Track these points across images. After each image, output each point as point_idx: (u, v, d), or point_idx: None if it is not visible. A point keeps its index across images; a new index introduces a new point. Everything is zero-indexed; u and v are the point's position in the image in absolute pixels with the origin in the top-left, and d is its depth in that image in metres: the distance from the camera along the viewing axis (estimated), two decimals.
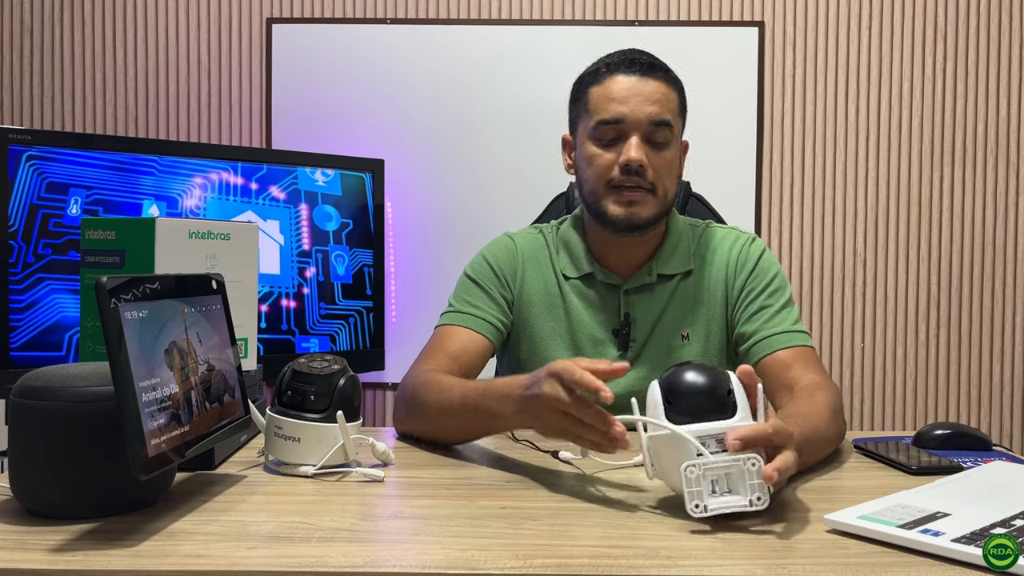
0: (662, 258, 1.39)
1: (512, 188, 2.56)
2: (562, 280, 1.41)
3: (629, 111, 1.30)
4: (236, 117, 2.61)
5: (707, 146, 2.52)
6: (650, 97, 1.30)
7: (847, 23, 2.56)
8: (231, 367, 1.00)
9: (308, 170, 2.31)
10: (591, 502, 0.93)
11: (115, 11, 2.61)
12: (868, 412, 2.60)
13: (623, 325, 1.37)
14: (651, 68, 1.32)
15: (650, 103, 1.30)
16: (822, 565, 0.73)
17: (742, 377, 0.88)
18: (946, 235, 2.57)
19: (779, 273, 1.39)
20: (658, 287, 1.39)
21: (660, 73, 1.33)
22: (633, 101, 1.30)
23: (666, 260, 1.39)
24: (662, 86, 1.32)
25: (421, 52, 2.57)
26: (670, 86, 1.33)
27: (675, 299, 1.39)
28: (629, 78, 1.31)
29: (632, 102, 1.30)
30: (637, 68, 1.32)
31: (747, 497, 0.81)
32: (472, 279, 1.43)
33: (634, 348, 1.38)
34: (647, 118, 1.30)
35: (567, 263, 1.41)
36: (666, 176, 1.33)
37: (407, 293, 2.58)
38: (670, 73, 1.35)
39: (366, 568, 0.73)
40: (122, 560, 0.74)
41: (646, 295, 1.39)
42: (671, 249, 1.40)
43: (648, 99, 1.30)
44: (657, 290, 1.39)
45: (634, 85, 1.31)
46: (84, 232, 1.09)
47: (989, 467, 1.06)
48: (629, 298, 1.38)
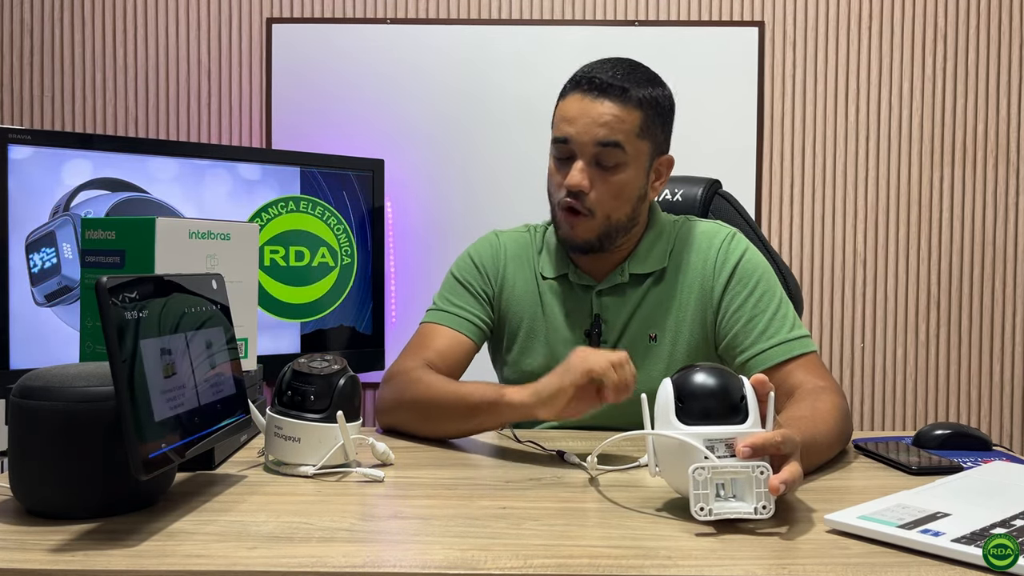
0: (637, 258, 1.37)
1: (512, 188, 2.56)
2: (540, 280, 1.41)
3: (575, 132, 1.27)
4: (236, 117, 2.61)
5: (707, 146, 2.52)
6: (598, 119, 1.26)
7: (847, 23, 2.56)
8: (231, 367, 1.00)
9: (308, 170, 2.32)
10: (591, 502, 0.93)
11: (115, 11, 2.61)
12: (868, 412, 2.60)
13: (594, 327, 1.36)
14: (607, 89, 1.27)
15: (597, 125, 1.26)
16: (822, 565, 0.73)
17: (755, 385, 0.88)
18: (946, 235, 2.57)
19: (764, 273, 1.34)
20: (630, 288, 1.37)
21: (616, 93, 1.27)
22: (581, 122, 1.27)
23: (641, 260, 1.37)
24: (615, 108, 1.26)
25: (421, 52, 2.57)
26: (628, 106, 1.27)
27: (647, 299, 1.36)
28: (583, 98, 1.28)
29: (580, 123, 1.27)
30: (594, 88, 1.27)
31: (753, 504, 0.81)
32: (457, 278, 1.44)
33: (605, 349, 1.37)
34: (592, 140, 1.26)
35: (546, 263, 1.41)
36: (610, 200, 1.29)
37: (407, 293, 2.58)
38: (631, 92, 1.27)
39: (366, 568, 0.73)
40: (122, 560, 0.74)
41: (618, 296, 1.37)
42: (647, 249, 1.37)
43: (596, 121, 1.26)
44: (629, 291, 1.37)
45: (586, 106, 1.27)
46: (84, 232, 1.09)
47: (989, 467, 1.06)
48: (601, 299, 1.37)
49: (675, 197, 1.67)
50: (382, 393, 1.32)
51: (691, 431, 0.85)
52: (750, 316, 1.31)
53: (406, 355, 1.36)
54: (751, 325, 1.30)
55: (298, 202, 2.29)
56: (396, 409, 1.27)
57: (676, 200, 1.67)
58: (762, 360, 1.27)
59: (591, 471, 1.04)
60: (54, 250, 1.99)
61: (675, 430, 0.85)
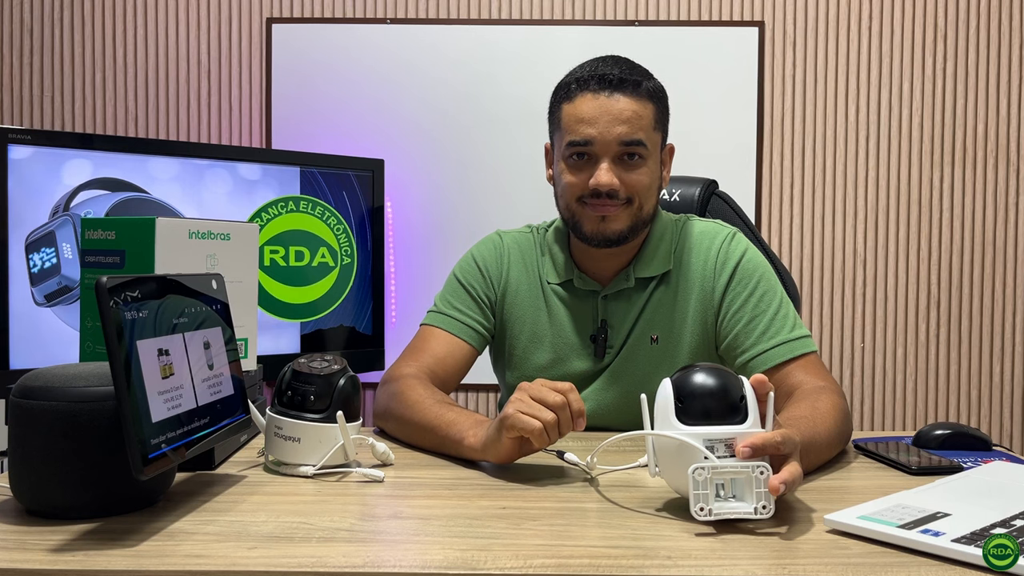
0: (642, 261, 1.36)
1: (512, 188, 2.56)
2: (544, 284, 1.40)
3: (598, 133, 1.26)
4: (236, 117, 2.61)
5: (707, 146, 2.52)
6: (619, 116, 1.26)
7: (847, 23, 2.56)
8: (231, 367, 1.00)
9: (308, 170, 2.32)
10: (591, 502, 0.93)
11: (115, 11, 2.61)
12: (868, 412, 2.60)
13: (599, 332, 1.36)
14: (620, 84, 1.27)
15: (619, 123, 1.26)
16: (822, 565, 0.73)
17: (755, 385, 0.88)
18: (946, 235, 2.57)
19: (764, 273, 1.34)
20: (636, 292, 1.36)
21: (630, 88, 1.27)
22: (602, 122, 1.26)
23: (646, 263, 1.36)
24: (632, 102, 1.27)
25: (421, 52, 2.57)
26: (643, 100, 1.28)
27: (651, 303, 1.36)
28: (598, 96, 1.27)
29: (601, 123, 1.26)
30: (606, 85, 1.27)
31: (753, 505, 0.82)
32: (459, 280, 1.43)
33: (611, 354, 1.36)
34: (616, 139, 1.26)
35: (549, 268, 1.40)
36: (643, 192, 1.29)
37: (407, 293, 2.58)
38: (643, 84, 1.29)
39: (366, 568, 0.73)
40: (122, 560, 0.74)
41: (623, 301, 1.36)
42: (652, 251, 1.37)
43: (617, 119, 1.26)
44: (635, 295, 1.36)
45: (603, 104, 1.27)
46: (84, 232, 1.09)
47: (989, 467, 1.06)
48: (607, 304, 1.37)
49: (673, 197, 1.67)
50: (377, 396, 1.32)
51: (691, 431, 0.85)
52: (751, 316, 1.31)
53: (405, 359, 1.36)
54: (752, 325, 1.30)
55: (298, 202, 2.29)
56: (384, 417, 1.28)
57: (674, 200, 1.67)
58: (763, 361, 1.27)
59: (591, 471, 1.04)
60: (54, 250, 1.99)
61: (675, 430, 0.85)
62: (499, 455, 1.04)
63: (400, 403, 1.23)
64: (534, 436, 0.99)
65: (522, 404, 1.00)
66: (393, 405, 1.25)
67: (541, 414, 0.99)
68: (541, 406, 0.99)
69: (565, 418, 1.00)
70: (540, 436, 0.99)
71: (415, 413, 1.19)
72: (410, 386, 1.25)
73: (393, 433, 1.26)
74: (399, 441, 1.23)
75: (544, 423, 0.98)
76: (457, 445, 1.10)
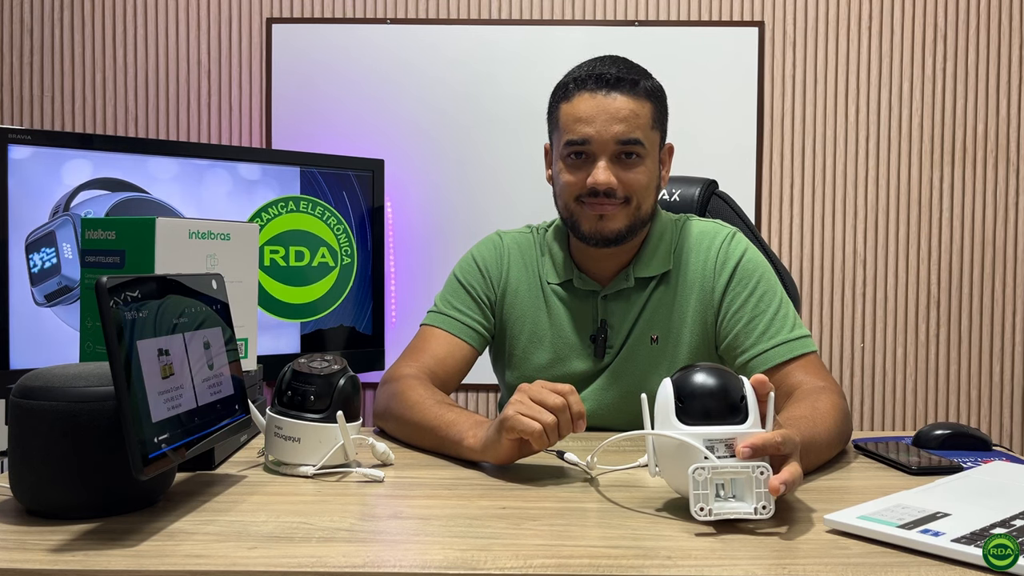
0: (642, 261, 1.36)
1: (512, 188, 2.56)
2: (544, 284, 1.40)
3: (595, 132, 1.26)
4: (236, 117, 2.61)
5: (707, 146, 2.52)
6: (616, 115, 1.26)
7: (847, 23, 2.56)
8: (231, 367, 1.00)
9: (308, 170, 2.32)
10: (591, 502, 0.93)
11: (115, 11, 2.61)
12: (868, 412, 2.60)
13: (599, 332, 1.36)
14: (618, 83, 1.27)
15: (616, 122, 1.26)
16: (822, 565, 0.73)
17: (755, 385, 0.88)
18: (946, 235, 2.57)
19: (764, 273, 1.34)
20: (635, 292, 1.36)
21: (627, 87, 1.27)
22: (599, 121, 1.26)
23: (646, 263, 1.36)
24: (630, 101, 1.26)
25: (421, 52, 2.57)
26: (640, 99, 1.28)
27: (651, 303, 1.36)
28: (595, 96, 1.27)
29: (598, 122, 1.26)
30: (604, 84, 1.27)
31: (753, 505, 0.82)
32: (459, 280, 1.43)
33: (610, 354, 1.36)
34: (613, 138, 1.26)
35: (549, 268, 1.40)
36: (640, 191, 1.29)
37: (407, 293, 2.58)
38: (641, 83, 1.29)
39: (366, 568, 0.73)
40: (122, 560, 0.74)
41: (623, 301, 1.36)
42: (652, 251, 1.36)
43: (614, 118, 1.26)
44: (635, 295, 1.36)
45: (600, 103, 1.26)
46: (84, 232, 1.09)
47: (989, 467, 1.06)
48: (607, 304, 1.37)
49: (672, 198, 1.67)
50: (377, 396, 1.32)
51: (691, 431, 0.85)
52: (751, 316, 1.31)
53: (405, 359, 1.36)
54: (752, 325, 1.30)
55: (298, 202, 2.29)
56: (385, 417, 1.28)
57: (674, 200, 1.66)
58: (763, 361, 1.27)
59: (591, 471, 1.04)
60: (54, 250, 1.99)
61: (675, 430, 0.85)
62: (498, 456, 1.04)
63: (400, 403, 1.23)
64: (534, 438, 0.99)
65: (522, 406, 1.00)
66: (393, 405, 1.25)
67: (541, 416, 0.99)
68: (541, 408, 0.99)
69: (565, 420, 1.00)
70: (540, 438, 0.99)
71: (415, 413, 1.19)
72: (410, 386, 1.25)
73: (393, 433, 1.26)
74: (399, 441, 1.23)
75: (544, 425, 0.98)
76: (457, 446, 1.10)
